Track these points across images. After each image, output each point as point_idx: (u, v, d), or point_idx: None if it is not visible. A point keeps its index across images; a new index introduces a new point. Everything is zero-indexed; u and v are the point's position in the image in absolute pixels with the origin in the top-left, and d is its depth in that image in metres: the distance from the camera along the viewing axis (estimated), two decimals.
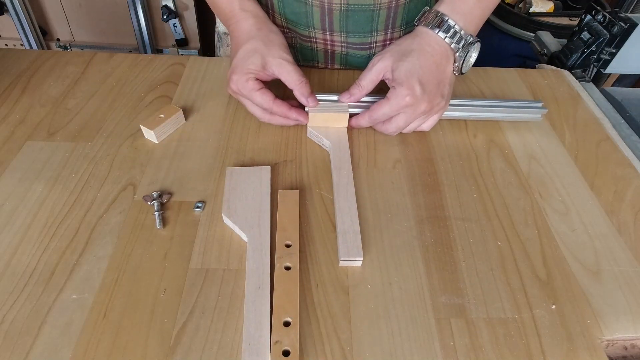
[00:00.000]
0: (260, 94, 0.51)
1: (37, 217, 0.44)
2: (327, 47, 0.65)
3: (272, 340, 0.35)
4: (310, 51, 0.66)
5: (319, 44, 0.64)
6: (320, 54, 0.66)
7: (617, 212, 0.48)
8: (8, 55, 0.65)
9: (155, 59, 0.66)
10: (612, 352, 0.39)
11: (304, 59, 0.68)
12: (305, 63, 0.69)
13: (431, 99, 0.50)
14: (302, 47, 0.66)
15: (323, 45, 0.65)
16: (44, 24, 1.63)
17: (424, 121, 0.53)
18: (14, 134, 0.53)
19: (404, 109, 0.50)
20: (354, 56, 0.65)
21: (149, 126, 0.52)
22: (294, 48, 0.67)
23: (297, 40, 0.65)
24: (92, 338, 0.36)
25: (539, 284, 0.41)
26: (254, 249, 0.41)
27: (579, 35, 0.72)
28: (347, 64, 0.67)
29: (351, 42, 0.63)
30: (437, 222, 0.46)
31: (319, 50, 0.66)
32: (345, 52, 0.65)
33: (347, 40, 0.63)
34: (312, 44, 0.65)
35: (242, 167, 0.49)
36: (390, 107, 0.50)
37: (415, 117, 0.51)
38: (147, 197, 0.46)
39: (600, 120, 0.61)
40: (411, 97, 0.49)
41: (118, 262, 0.41)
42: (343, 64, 0.68)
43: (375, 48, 0.64)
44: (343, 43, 0.63)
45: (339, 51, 0.65)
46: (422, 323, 0.38)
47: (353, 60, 0.66)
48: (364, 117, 0.53)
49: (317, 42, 0.64)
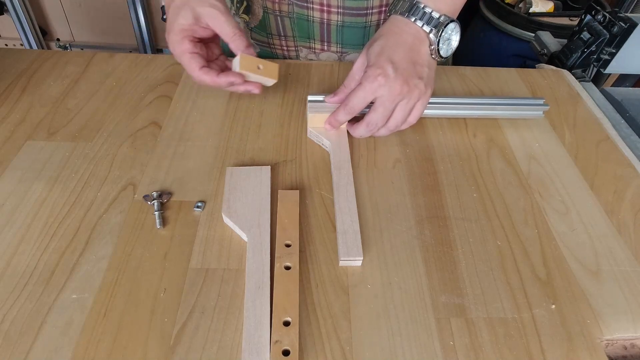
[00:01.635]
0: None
1: (37, 217, 0.44)
2: (323, 16, 0.64)
3: (272, 340, 0.35)
4: (307, 23, 0.66)
5: (315, 10, 0.64)
6: (316, 27, 0.66)
7: (617, 212, 0.48)
8: (8, 55, 0.65)
9: (155, 59, 0.66)
10: (611, 351, 0.39)
11: (300, 35, 0.68)
12: (301, 43, 0.69)
13: (406, 79, 0.48)
14: (298, 16, 0.65)
15: (319, 12, 0.64)
16: (44, 24, 1.63)
17: (408, 111, 0.51)
18: (14, 134, 0.53)
19: (378, 91, 0.48)
20: (350, 27, 0.65)
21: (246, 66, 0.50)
22: (290, 19, 0.66)
23: (294, 8, 0.65)
24: (92, 338, 0.36)
25: (539, 284, 0.41)
26: (254, 248, 0.41)
27: (579, 35, 0.72)
28: (343, 41, 0.67)
29: (347, 6, 0.62)
30: (437, 222, 0.46)
31: (315, 21, 0.65)
32: (342, 21, 0.64)
33: (343, 4, 0.62)
34: (308, 10, 0.64)
35: (242, 167, 0.49)
36: (363, 90, 0.49)
37: (394, 99, 0.49)
38: (147, 197, 0.46)
39: (600, 120, 0.61)
40: (383, 76, 0.47)
41: (118, 262, 0.41)
42: (339, 42, 0.67)
43: (372, 15, 0.64)
44: (340, 9, 0.63)
45: (335, 21, 0.65)
46: (422, 323, 0.38)
47: (349, 35, 0.66)
48: (340, 111, 0.51)
49: (313, 9, 0.64)
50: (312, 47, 0.70)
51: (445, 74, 0.67)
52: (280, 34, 0.70)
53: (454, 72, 0.68)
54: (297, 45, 0.70)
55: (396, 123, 0.51)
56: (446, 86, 0.64)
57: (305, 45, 0.70)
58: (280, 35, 0.70)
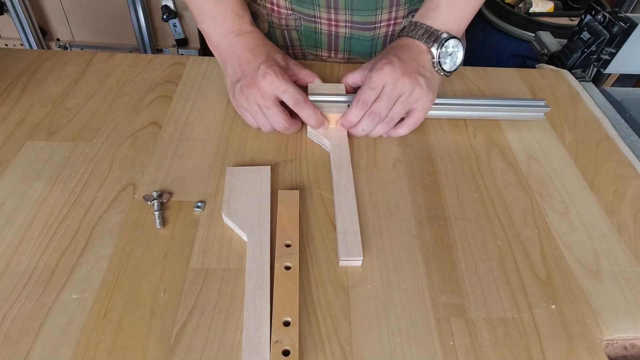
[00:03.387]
0: (295, 85, 0.50)
1: (37, 217, 0.44)
2: (332, 29, 0.65)
3: (272, 340, 0.35)
4: (314, 34, 0.66)
5: (322, 24, 0.65)
6: (323, 38, 0.66)
7: (617, 212, 0.48)
8: (8, 55, 0.65)
9: (155, 59, 0.66)
10: (611, 351, 0.39)
11: (307, 44, 0.68)
12: (308, 50, 0.69)
13: (409, 72, 0.50)
14: (306, 29, 0.66)
15: (327, 26, 0.65)
16: (44, 24, 1.62)
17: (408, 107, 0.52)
18: (14, 134, 0.53)
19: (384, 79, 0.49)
20: (358, 39, 0.66)
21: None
22: (297, 31, 0.67)
23: (301, 22, 0.65)
24: (92, 338, 0.36)
25: (539, 284, 0.41)
26: (254, 248, 0.41)
27: (579, 35, 0.72)
28: (350, 50, 0.68)
29: (355, 20, 0.63)
30: (437, 222, 0.46)
31: (323, 33, 0.66)
32: (350, 34, 0.65)
33: (351, 19, 0.63)
34: (316, 24, 0.65)
35: (242, 167, 0.49)
36: (372, 81, 0.50)
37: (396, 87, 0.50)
38: (147, 197, 0.46)
39: (600, 120, 0.61)
40: (389, 65, 0.50)
41: (118, 262, 0.41)
42: (347, 51, 0.68)
43: (380, 28, 0.65)
44: (347, 23, 0.64)
45: (343, 33, 0.65)
46: (422, 323, 0.38)
47: (357, 45, 0.67)
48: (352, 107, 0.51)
49: (321, 23, 0.65)
50: (320, 55, 0.70)
51: None
52: (287, 45, 0.70)
53: (454, 72, 0.67)
54: (304, 52, 0.71)
55: (393, 116, 0.52)
56: (446, 86, 0.64)
57: (312, 53, 0.70)
58: (287, 46, 0.70)
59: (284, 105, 0.51)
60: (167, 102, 0.59)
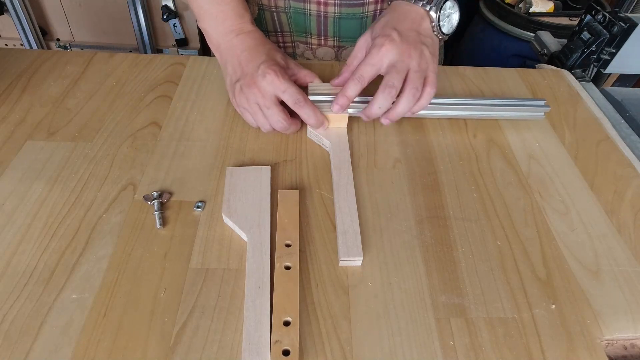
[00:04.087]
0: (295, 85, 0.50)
1: (37, 217, 0.44)
2: (320, 9, 0.65)
3: (272, 340, 0.35)
4: (303, 16, 0.66)
5: (312, 2, 0.65)
6: (312, 21, 0.66)
7: (617, 212, 0.48)
8: (8, 55, 0.65)
9: (155, 59, 0.66)
10: (611, 351, 0.39)
11: (296, 30, 0.68)
12: (298, 37, 0.69)
13: (413, 44, 0.49)
14: (295, 11, 0.66)
15: (316, 5, 0.65)
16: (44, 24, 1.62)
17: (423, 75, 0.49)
18: (14, 134, 0.53)
19: (387, 56, 0.48)
20: (347, 18, 0.65)
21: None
22: (286, 14, 0.67)
23: (290, 2, 0.65)
24: (92, 338, 0.36)
25: (539, 284, 0.41)
26: (254, 248, 0.41)
27: (579, 35, 0.72)
28: (340, 35, 0.68)
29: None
30: (437, 222, 0.46)
31: (312, 14, 0.66)
32: (339, 13, 0.65)
33: None
34: (305, 3, 0.65)
35: (242, 167, 0.49)
36: (372, 57, 0.48)
37: (404, 60, 0.48)
38: (147, 197, 0.46)
39: (600, 120, 0.61)
40: (390, 42, 0.48)
41: (118, 262, 0.41)
42: (336, 36, 0.68)
43: (369, 5, 0.65)
44: (336, 0, 0.64)
45: (332, 13, 0.65)
46: (422, 323, 0.38)
47: (346, 28, 0.67)
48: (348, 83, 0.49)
49: (310, 1, 0.65)
50: (309, 43, 0.70)
51: (445, 74, 0.67)
52: (277, 30, 0.70)
53: (454, 72, 0.67)
54: (293, 41, 0.71)
55: (414, 85, 0.48)
56: (446, 86, 0.64)
57: (302, 41, 0.70)
58: (276, 31, 0.70)
59: (284, 105, 0.51)
60: (167, 102, 0.59)
